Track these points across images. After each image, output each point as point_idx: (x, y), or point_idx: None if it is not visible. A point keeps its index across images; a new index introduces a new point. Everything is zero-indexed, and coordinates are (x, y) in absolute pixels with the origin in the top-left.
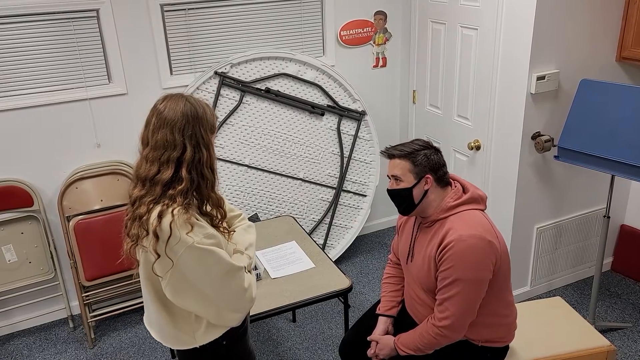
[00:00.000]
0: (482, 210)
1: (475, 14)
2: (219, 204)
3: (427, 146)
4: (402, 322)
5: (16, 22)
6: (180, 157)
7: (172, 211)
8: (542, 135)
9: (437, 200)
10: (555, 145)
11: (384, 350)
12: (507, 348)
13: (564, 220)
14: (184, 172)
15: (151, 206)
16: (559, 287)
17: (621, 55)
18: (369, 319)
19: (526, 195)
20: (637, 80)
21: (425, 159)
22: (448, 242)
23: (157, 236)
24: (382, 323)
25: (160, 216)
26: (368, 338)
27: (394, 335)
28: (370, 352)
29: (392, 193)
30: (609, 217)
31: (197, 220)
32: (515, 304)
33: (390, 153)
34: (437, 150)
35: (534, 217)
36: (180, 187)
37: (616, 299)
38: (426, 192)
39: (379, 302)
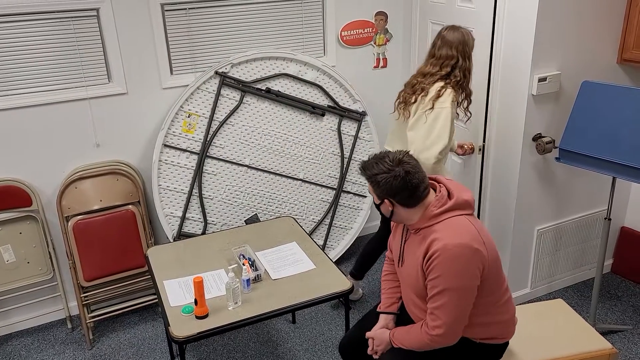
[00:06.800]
0: (470, 214)
1: (470, 16)
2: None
3: (391, 168)
4: (405, 318)
5: (16, 21)
6: (455, 64)
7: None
8: (544, 136)
9: (413, 214)
10: (556, 147)
11: (381, 346)
12: (506, 344)
13: (564, 222)
14: (457, 72)
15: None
16: (559, 289)
17: (622, 57)
18: (372, 317)
19: (527, 197)
20: (639, 82)
21: (380, 185)
22: (433, 251)
23: (439, 96)
24: (382, 320)
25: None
26: (366, 335)
27: None
28: (369, 350)
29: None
30: (609, 219)
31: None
32: (516, 306)
33: (359, 170)
34: (398, 175)
35: (534, 219)
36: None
37: (616, 301)
38: (392, 210)
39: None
